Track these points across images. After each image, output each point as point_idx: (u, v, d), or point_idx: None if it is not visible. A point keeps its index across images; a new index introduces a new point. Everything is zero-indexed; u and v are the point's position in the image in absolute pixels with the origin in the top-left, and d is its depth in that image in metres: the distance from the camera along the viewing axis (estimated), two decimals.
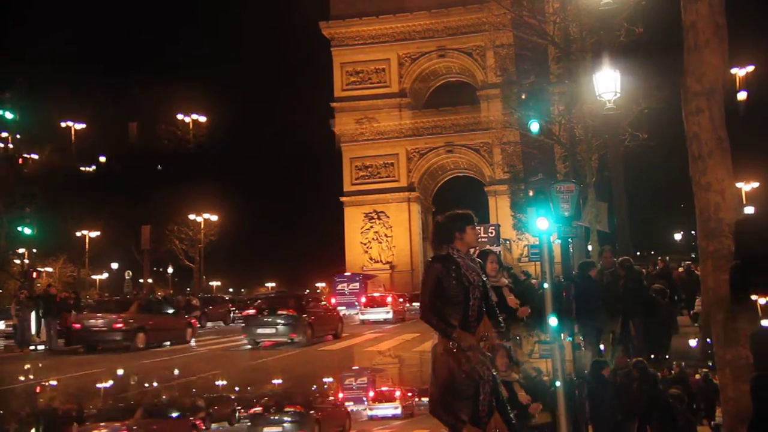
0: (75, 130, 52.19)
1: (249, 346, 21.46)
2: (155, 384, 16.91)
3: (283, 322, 21.00)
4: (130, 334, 20.77)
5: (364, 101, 57.44)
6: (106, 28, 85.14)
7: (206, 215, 51.62)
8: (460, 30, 55.79)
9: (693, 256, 34.66)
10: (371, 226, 57.27)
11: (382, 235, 57.18)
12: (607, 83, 15.87)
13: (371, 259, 56.87)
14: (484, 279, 5.39)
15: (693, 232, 46.91)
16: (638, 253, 36.19)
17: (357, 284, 43.06)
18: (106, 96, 51.21)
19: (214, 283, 66.22)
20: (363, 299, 35.49)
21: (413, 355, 20.31)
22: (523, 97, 20.58)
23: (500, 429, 5.22)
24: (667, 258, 26.99)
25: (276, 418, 16.04)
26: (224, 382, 17.28)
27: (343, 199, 57.54)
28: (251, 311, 22.80)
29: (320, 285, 55.05)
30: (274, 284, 63.47)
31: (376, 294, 37.05)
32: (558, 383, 16.68)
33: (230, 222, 55.21)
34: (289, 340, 21.24)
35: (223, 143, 59.52)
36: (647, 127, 19.74)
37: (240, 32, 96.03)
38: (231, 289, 67.03)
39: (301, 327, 21.15)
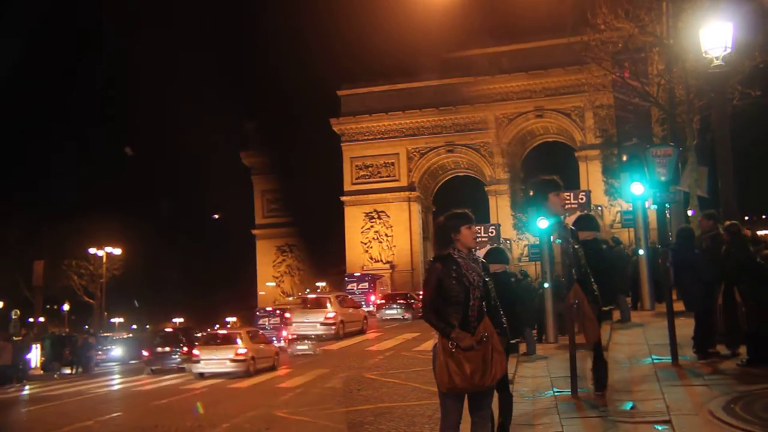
0: None
1: None
2: None
3: (398, 307, 36.69)
4: None
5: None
6: None
7: (108, 249, 47.96)
8: (558, 91, 51.85)
9: None
10: (371, 226, 57.02)
11: (382, 234, 56.85)
12: (716, 38, 14.78)
13: (371, 258, 56.59)
14: (486, 279, 5.51)
15: None
16: (746, 218, 33.90)
17: (366, 284, 44.36)
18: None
19: (116, 320, 61.75)
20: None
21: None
22: (624, 158, 19.61)
23: (489, 332, 5.30)
24: None
25: (392, 304, 36.86)
26: None
27: (343, 198, 57.33)
28: (381, 301, 38.25)
29: (320, 284, 53.69)
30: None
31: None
32: (641, 251, 15.75)
33: (135, 255, 51.87)
34: (402, 317, 35.61)
35: None
36: (760, 84, 18.31)
37: None
38: (134, 326, 62.83)
39: (409, 310, 35.81)
